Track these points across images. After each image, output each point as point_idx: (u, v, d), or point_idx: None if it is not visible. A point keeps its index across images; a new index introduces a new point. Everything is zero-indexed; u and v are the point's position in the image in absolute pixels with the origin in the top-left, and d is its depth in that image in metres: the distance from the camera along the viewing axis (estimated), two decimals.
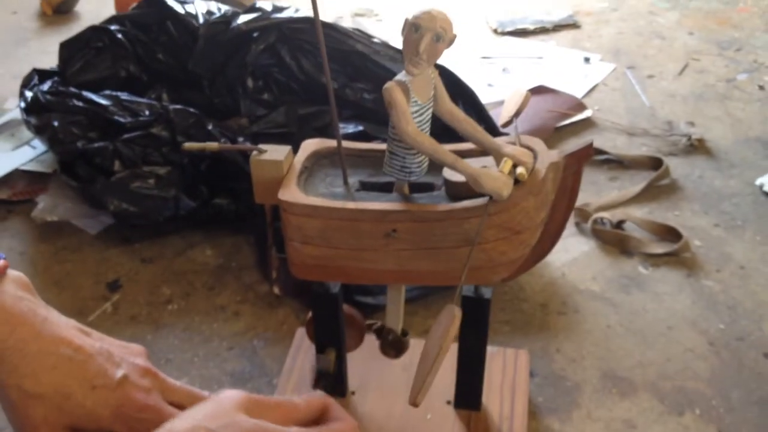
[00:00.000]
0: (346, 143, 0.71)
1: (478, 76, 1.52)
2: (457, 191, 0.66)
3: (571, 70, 1.56)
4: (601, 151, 1.30)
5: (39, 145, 1.27)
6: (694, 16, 1.80)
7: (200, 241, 1.13)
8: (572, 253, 1.11)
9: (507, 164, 0.63)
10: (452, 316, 0.60)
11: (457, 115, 0.67)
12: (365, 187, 0.70)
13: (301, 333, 0.92)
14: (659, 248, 1.10)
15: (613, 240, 1.11)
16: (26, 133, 1.29)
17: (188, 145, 0.72)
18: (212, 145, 0.71)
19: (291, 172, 0.70)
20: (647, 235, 1.13)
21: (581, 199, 1.16)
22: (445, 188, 0.68)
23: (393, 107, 0.62)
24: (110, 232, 1.15)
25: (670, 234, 1.11)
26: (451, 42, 0.62)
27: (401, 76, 0.63)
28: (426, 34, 0.60)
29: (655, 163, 1.27)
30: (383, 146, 0.69)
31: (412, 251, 0.66)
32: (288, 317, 1.00)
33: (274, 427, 0.58)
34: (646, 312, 1.01)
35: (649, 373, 0.92)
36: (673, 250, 1.09)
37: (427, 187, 0.69)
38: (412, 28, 0.61)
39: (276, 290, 0.79)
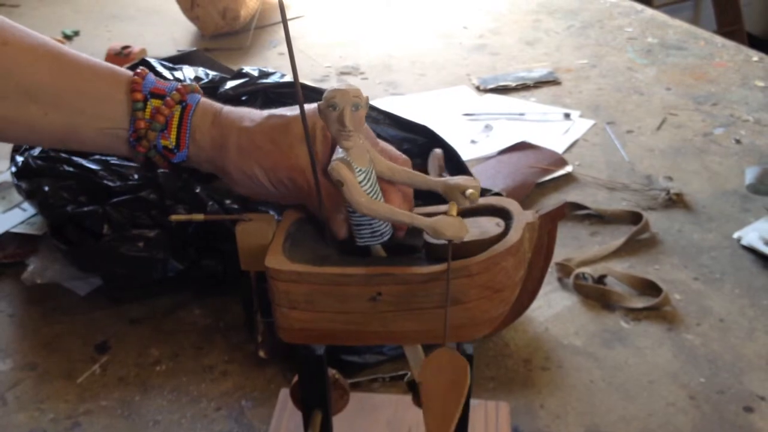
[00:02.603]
0: None
1: (461, 133, 1.56)
2: (437, 253, 0.68)
3: (552, 126, 1.59)
4: (582, 206, 1.32)
5: (29, 208, 1.29)
6: (671, 71, 1.84)
7: (189, 301, 1.15)
8: (555, 308, 1.12)
9: (453, 208, 0.66)
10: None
11: (395, 168, 0.70)
12: (348, 251, 0.72)
13: (285, 393, 0.93)
14: (640, 302, 1.12)
15: (595, 295, 1.13)
16: (17, 196, 1.31)
17: (175, 216, 0.74)
18: (198, 216, 0.74)
19: (276, 239, 0.72)
20: (628, 290, 1.15)
21: (563, 254, 1.19)
22: (425, 251, 0.70)
23: (343, 184, 0.65)
24: (99, 293, 1.16)
25: (651, 288, 1.14)
26: (366, 104, 0.66)
27: (339, 153, 0.66)
28: (345, 108, 0.64)
29: (634, 218, 1.29)
30: None
31: (397, 313, 0.68)
32: (275, 376, 1.01)
33: None
34: (628, 366, 1.02)
35: (632, 428, 0.93)
36: (653, 304, 1.11)
37: (409, 250, 0.72)
38: (329, 108, 0.65)
39: (262, 354, 0.81)
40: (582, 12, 2.24)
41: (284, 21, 0.64)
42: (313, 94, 1.22)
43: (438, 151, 0.80)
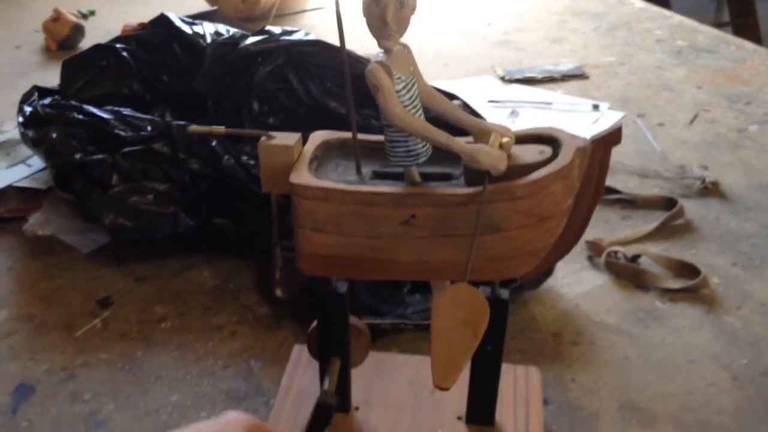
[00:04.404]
0: (358, 135, 0.67)
1: (487, 118, 1.50)
2: (477, 177, 0.62)
3: (580, 117, 1.53)
4: (613, 190, 1.26)
5: (34, 164, 1.23)
6: (702, 72, 1.79)
7: (197, 263, 1.09)
8: (585, 286, 1.06)
9: (496, 140, 0.60)
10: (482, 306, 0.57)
11: (434, 93, 0.65)
12: (378, 176, 0.66)
13: (298, 350, 0.87)
14: (677, 283, 1.05)
15: (628, 274, 1.07)
16: (22, 152, 1.26)
17: (194, 127, 0.68)
18: (219, 128, 0.68)
19: (301, 159, 0.66)
20: (663, 271, 1.08)
21: (593, 235, 1.13)
22: (464, 176, 0.64)
23: (379, 89, 0.59)
24: (103, 251, 1.10)
25: (688, 270, 1.07)
26: (413, 8, 0.60)
27: (378, 56, 0.60)
28: (389, 2, 0.58)
29: (668, 204, 1.23)
30: None
31: (431, 239, 0.62)
32: (287, 339, 0.95)
33: None
34: (665, 345, 0.95)
35: (671, 405, 0.86)
36: (691, 285, 1.04)
37: (445, 177, 0.65)
38: (373, 2, 0.59)
39: (278, 292, 0.74)
40: (609, 15, 2.18)
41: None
42: (357, 63, 1.16)
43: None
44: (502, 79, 1.73)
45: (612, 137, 0.64)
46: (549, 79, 1.73)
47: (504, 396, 0.78)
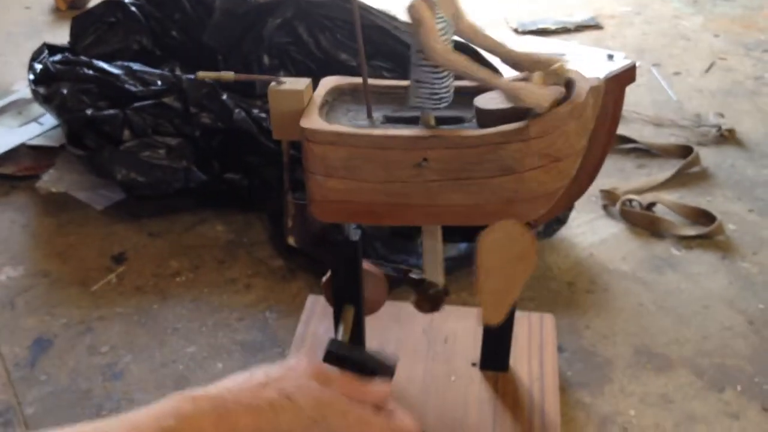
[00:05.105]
0: (369, 80, 0.67)
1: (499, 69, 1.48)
2: (490, 120, 0.61)
3: (595, 67, 1.52)
4: (628, 139, 1.25)
5: (46, 122, 1.23)
6: (719, 20, 1.76)
7: (210, 218, 1.09)
8: (600, 234, 1.05)
9: (539, 78, 0.59)
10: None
11: (480, 31, 0.63)
12: (390, 120, 0.65)
13: (312, 300, 0.87)
14: (692, 230, 1.04)
15: (643, 222, 1.06)
16: (33, 111, 1.26)
17: (202, 73, 0.67)
18: (228, 74, 0.67)
19: (312, 104, 0.65)
20: (679, 218, 1.07)
21: (608, 184, 1.12)
22: (477, 118, 0.63)
23: (420, 25, 0.58)
24: (117, 207, 1.10)
25: (703, 217, 1.06)
26: None
27: None
28: None
29: (684, 152, 1.22)
30: (407, 83, 0.65)
31: (444, 182, 0.61)
32: (301, 290, 0.95)
33: (346, 401, 0.53)
34: (680, 291, 0.95)
35: (686, 350, 0.86)
36: (706, 232, 1.03)
37: (456, 120, 0.65)
38: None
39: (291, 241, 0.73)
40: None
41: None
42: (349, 4, 1.15)
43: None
44: (515, 30, 1.71)
45: (626, 75, 0.63)
46: (563, 30, 1.70)
47: (518, 342, 0.78)
